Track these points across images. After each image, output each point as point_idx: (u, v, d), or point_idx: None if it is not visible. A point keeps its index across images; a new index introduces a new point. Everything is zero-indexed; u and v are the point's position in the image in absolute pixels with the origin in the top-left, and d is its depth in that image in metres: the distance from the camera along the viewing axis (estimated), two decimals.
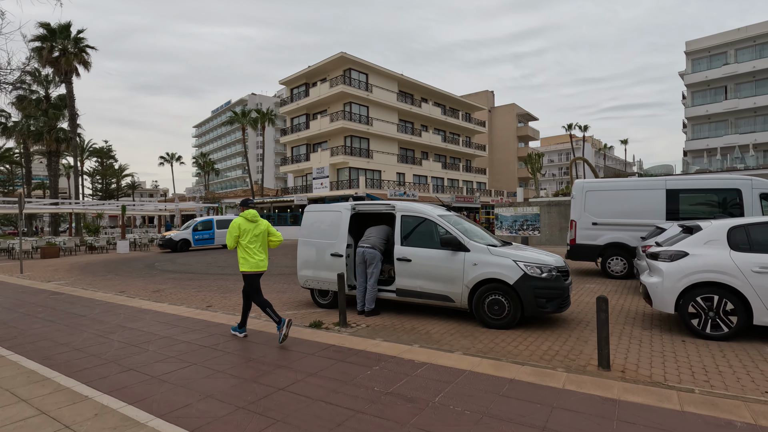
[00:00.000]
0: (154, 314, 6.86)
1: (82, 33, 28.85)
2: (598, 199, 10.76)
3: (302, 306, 7.53)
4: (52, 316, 6.81)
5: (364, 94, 37.64)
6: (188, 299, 8.38)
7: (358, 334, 5.53)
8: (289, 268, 13.57)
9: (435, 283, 6.12)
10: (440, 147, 46.73)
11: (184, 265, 15.13)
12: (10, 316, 6.95)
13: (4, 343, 5.27)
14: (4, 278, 12.11)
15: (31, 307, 7.69)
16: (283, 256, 17.74)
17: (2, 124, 33.72)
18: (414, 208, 6.68)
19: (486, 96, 60.26)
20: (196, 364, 4.40)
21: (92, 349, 4.96)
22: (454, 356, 4.48)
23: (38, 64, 28.56)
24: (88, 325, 6.15)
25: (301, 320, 6.39)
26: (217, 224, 23.09)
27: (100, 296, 8.72)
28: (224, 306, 7.64)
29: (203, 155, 78.48)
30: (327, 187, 36.71)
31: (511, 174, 59.98)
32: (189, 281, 11.00)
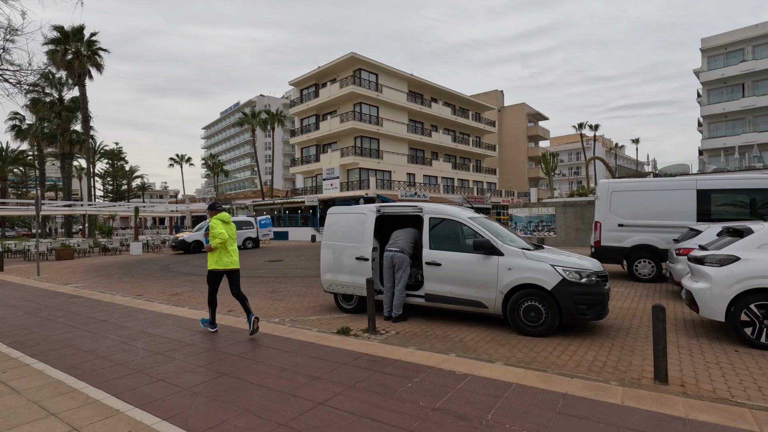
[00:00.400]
0: (176, 319, 6.70)
1: (95, 36, 29.04)
2: (624, 200, 10.44)
3: (325, 310, 7.33)
4: (73, 321, 6.69)
5: (374, 95, 37.48)
6: None
7: (389, 341, 5.32)
8: (305, 270, 13.40)
9: (466, 289, 5.89)
10: (450, 147, 46.42)
11: (199, 267, 15.04)
12: (31, 320, 6.84)
13: (28, 350, 5.14)
14: (22, 281, 12.09)
15: (51, 311, 7.59)
16: (296, 258, 17.60)
17: (17, 127, 34.06)
18: (443, 210, 6.45)
19: (495, 95, 59.79)
20: (226, 374, 4.21)
21: (118, 357, 4.80)
22: (497, 367, 4.25)
23: (52, 67, 28.80)
24: (110, 331, 6.01)
25: (327, 326, 6.19)
26: None
27: (118, 300, 8.61)
28: None
29: (212, 156, 78.86)
30: (337, 188, 36.58)
31: (521, 174, 59.42)
32: (205, 284, 10.85)
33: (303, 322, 6.54)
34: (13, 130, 34.12)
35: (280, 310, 7.49)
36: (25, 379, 4.17)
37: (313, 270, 13.32)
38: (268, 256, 18.75)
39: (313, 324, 6.38)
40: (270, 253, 20.32)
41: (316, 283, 10.61)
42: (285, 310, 7.48)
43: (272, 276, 12.19)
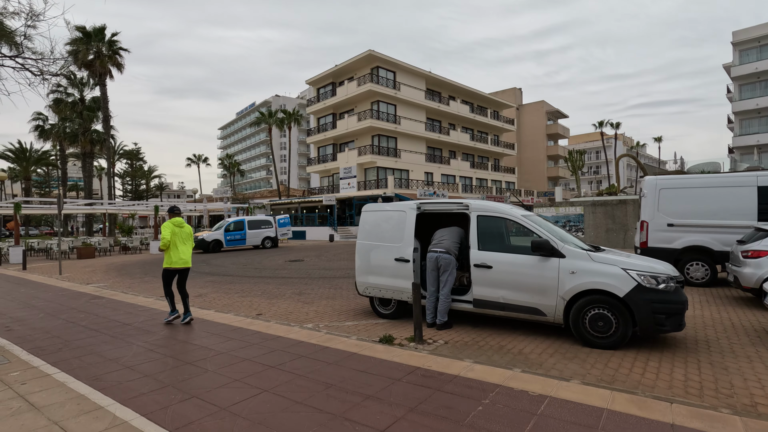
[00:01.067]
0: (203, 323, 6.29)
1: (116, 36, 29.19)
2: (674, 198, 9.69)
3: (360, 315, 6.83)
4: (95, 324, 6.32)
5: (391, 93, 36.97)
6: (234, 306, 7.81)
7: (439, 352, 4.79)
8: (329, 270, 12.94)
9: (522, 294, 5.31)
10: (468, 146, 45.62)
11: (220, 267, 14.74)
12: (53, 323, 6.50)
13: (49, 357, 4.75)
14: (44, 280, 11.91)
15: (73, 313, 7.27)
16: (317, 258, 17.19)
17: (40, 127, 34.53)
18: (493, 208, 5.88)
19: (514, 93, 58.69)
20: (266, 390, 3.74)
21: (145, 368, 4.37)
22: (575, 387, 3.68)
23: (74, 67, 29.02)
24: (135, 336, 5.62)
25: (366, 333, 5.69)
26: (249, 225, 22.78)
27: (141, 301, 8.26)
28: (275, 314, 7.03)
29: (229, 156, 79.44)
30: (354, 187, 36.18)
31: (540, 173, 58.19)
32: (229, 284, 10.50)
33: (338, 328, 6.05)
34: (37, 130, 34.61)
35: (311, 314, 7.02)
36: (46, 392, 3.76)
37: (337, 270, 12.87)
38: (288, 256, 18.39)
39: (350, 330, 5.89)
40: (289, 253, 19.97)
41: (344, 284, 10.13)
42: (316, 314, 7.01)
43: (296, 277, 11.77)
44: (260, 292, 9.25)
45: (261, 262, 16.39)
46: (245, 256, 18.79)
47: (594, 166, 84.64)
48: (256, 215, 25.28)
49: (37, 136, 34.69)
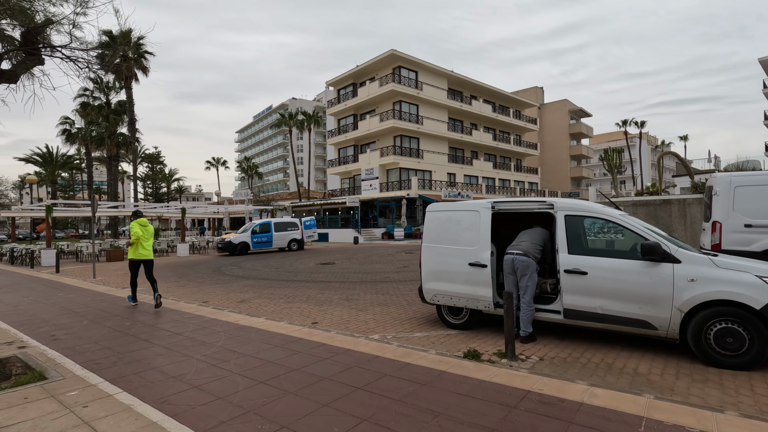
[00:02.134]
0: (259, 333, 5.79)
1: (141, 39, 29.33)
2: (753, 196, 8.84)
3: (425, 325, 6.25)
4: (144, 334, 5.89)
5: (414, 92, 36.44)
6: (284, 313, 7.32)
7: (540, 371, 4.18)
8: (367, 274, 12.41)
9: (626, 304, 4.66)
10: (490, 146, 44.77)
11: (252, 270, 14.35)
12: (100, 331, 6.10)
13: (106, 374, 4.30)
14: (79, 283, 11.66)
15: (117, 320, 6.87)
16: (348, 260, 16.68)
17: (67, 131, 34.99)
18: (585, 207, 5.25)
19: (535, 92, 57.53)
20: (366, 419, 3.19)
21: (214, 388, 3.88)
22: (738, 421, 3.03)
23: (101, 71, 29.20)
24: (191, 348, 5.15)
25: (443, 347, 5.11)
26: (275, 227, 22.45)
27: (185, 307, 7.84)
28: (332, 322, 6.51)
29: (247, 159, 79.98)
30: (377, 189, 35.71)
31: (563, 173, 56.86)
32: (269, 289, 10.05)
33: (409, 340, 5.49)
34: (64, 134, 35.08)
35: (370, 323, 6.47)
36: (113, 418, 3.28)
37: (375, 274, 12.33)
38: (318, 259, 17.95)
39: (423, 343, 5.32)
40: (317, 256, 19.54)
41: (389, 289, 9.58)
42: (376, 323, 6.46)
43: (335, 281, 11.26)
44: (305, 298, 8.76)
45: (291, 265, 15.97)
46: (274, 259, 18.42)
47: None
48: (281, 217, 24.95)
49: (64, 140, 35.18)
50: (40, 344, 5.42)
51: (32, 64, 5.58)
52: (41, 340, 5.65)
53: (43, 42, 5.55)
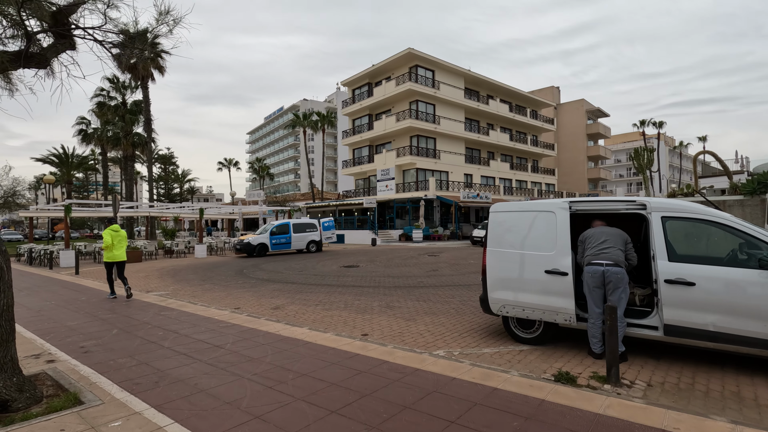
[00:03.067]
0: (307, 347, 5.22)
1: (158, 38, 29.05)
2: None
3: (489, 338, 5.62)
4: (182, 346, 5.35)
5: (431, 92, 35.80)
6: (326, 322, 6.74)
7: (655, 401, 3.54)
8: (398, 279, 11.79)
9: (747, 322, 3.99)
10: (507, 146, 43.94)
11: (275, 273, 13.82)
12: (132, 343, 5.57)
13: (150, 397, 3.74)
14: (101, 286, 11.22)
15: (149, 329, 6.34)
16: (371, 263, 16.08)
17: (83, 132, 34.95)
18: (683, 207, 4.59)
19: (552, 92, 56.51)
20: None
21: (280, 419, 3.29)
22: None
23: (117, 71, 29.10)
24: (238, 365, 4.58)
25: (522, 365, 4.48)
26: (294, 228, 21.96)
27: (216, 314, 7.30)
28: (383, 334, 5.91)
29: (258, 160, 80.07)
30: (393, 189, 35.09)
31: (580, 174, 55.72)
32: (300, 294, 9.48)
33: (479, 357, 4.87)
34: (80, 134, 35.04)
35: (426, 335, 5.86)
36: None
37: (406, 279, 11.72)
38: (339, 261, 17.39)
39: (497, 361, 4.69)
40: (338, 258, 18.99)
41: (429, 296, 8.96)
42: (432, 335, 5.85)
43: (367, 285, 10.67)
44: (342, 305, 8.17)
45: (314, 267, 15.43)
46: (295, 261, 17.89)
47: (633, 168, 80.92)
48: (300, 218, 24.48)
49: (80, 140, 35.12)
50: (71, 358, 4.90)
51: (63, 48, 5.08)
52: (71, 352, 5.13)
53: (75, 23, 5.04)
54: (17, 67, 4.66)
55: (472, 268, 14.26)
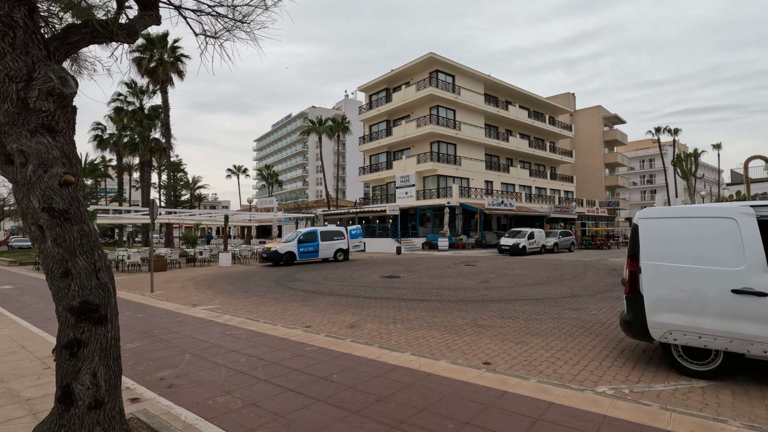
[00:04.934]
0: (434, 380, 4.32)
1: (177, 42, 28.63)
2: None
3: (638, 368, 4.70)
4: (280, 377, 4.46)
5: (451, 97, 35.14)
6: (423, 345, 5.85)
7: None
8: (456, 292, 10.88)
9: None
10: (526, 153, 43.17)
11: (317, 284, 12.92)
12: (218, 373, 4.68)
13: None
14: (140, 298, 10.36)
15: (225, 354, 5.46)
16: (410, 272, 15.17)
17: (99, 137, 34.42)
18: None
19: (567, 98, 55.81)
20: None
21: None
22: None
23: (137, 75, 28.60)
24: (370, 408, 3.69)
25: (730, 410, 3.56)
26: (321, 236, 21.11)
27: (292, 335, 6.42)
28: (508, 363, 5.00)
29: (267, 167, 79.78)
30: (413, 196, 34.27)
31: (598, 182, 54.76)
32: (364, 309, 8.58)
33: (659, 397, 3.95)
34: (96, 140, 34.51)
35: (560, 365, 4.95)
36: None
37: (464, 291, 10.81)
38: (375, 271, 16.49)
39: (685, 403, 3.79)
40: (370, 267, 18.08)
41: (513, 312, 8.05)
42: (568, 365, 4.94)
43: (429, 299, 9.77)
44: (423, 323, 7.27)
45: (353, 277, 14.54)
46: (328, 270, 16.99)
47: (646, 176, 79.95)
48: (327, 226, 23.64)
49: (95, 146, 34.61)
50: (156, 395, 4.01)
51: (150, 22, 4.28)
52: (152, 387, 4.25)
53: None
54: (107, 40, 3.84)
55: (525, 279, 13.35)
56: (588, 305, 8.69)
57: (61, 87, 2.65)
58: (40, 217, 2.58)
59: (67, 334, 2.57)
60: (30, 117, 2.63)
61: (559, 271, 15.52)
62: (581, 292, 10.50)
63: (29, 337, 6.32)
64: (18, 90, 2.57)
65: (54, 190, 2.61)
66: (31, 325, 7.13)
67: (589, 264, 18.52)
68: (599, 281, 12.64)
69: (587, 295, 10.14)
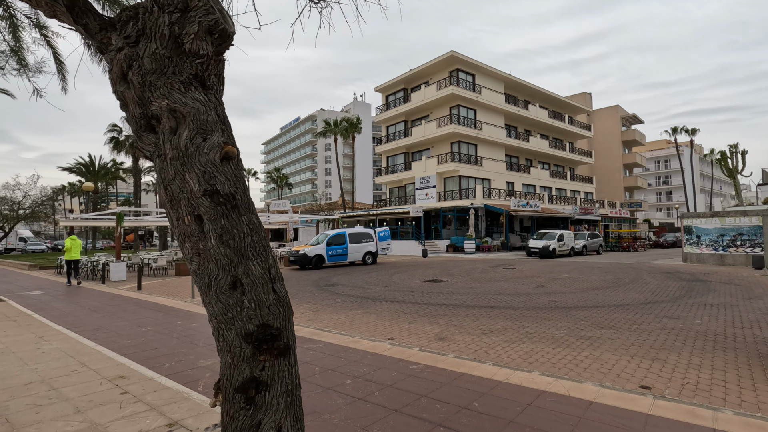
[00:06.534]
0: (602, 410, 3.52)
1: None
2: None
3: None
4: (410, 406, 3.67)
5: (472, 96, 34.37)
6: (543, 363, 5.04)
7: None
8: (514, 298, 10.04)
9: None
10: (546, 153, 42.27)
11: (360, 288, 12.13)
12: (330, 399, 3.90)
13: None
14: (181, 305, 9.61)
15: (325, 374, 4.68)
16: (450, 276, 14.34)
17: (114, 139, 33.94)
18: None
19: (584, 98, 54.85)
20: None
21: None
22: None
23: None
24: None
25: None
26: (350, 238, 20.34)
27: (381, 349, 5.64)
28: (671, 385, 4.19)
29: (277, 170, 79.47)
30: (434, 198, 33.47)
31: (616, 183, 53.71)
32: (435, 317, 7.78)
33: None
34: (111, 142, 34.04)
35: (727, 385, 4.13)
36: None
37: (527, 297, 9.98)
38: (411, 274, 15.67)
39: None
40: (404, 270, 17.26)
41: (603, 320, 7.23)
42: (733, 386, 4.12)
43: (497, 306, 8.95)
44: (519, 335, 6.46)
45: (393, 281, 13.75)
46: (363, 274, 16.19)
47: (662, 177, 78.63)
48: (354, 228, 22.88)
49: (111, 148, 34.12)
50: None
51: None
52: None
53: None
54: None
55: (580, 283, 12.52)
56: (683, 313, 7.85)
57: (224, 22, 1.90)
58: (200, 203, 1.82)
59: (242, 371, 1.80)
60: (183, 63, 1.88)
61: (610, 275, 14.65)
62: (657, 298, 9.65)
63: (84, 351, 5.58)
64: (171, 23, 1.83)
65: (216, 166, 1.85)
66: (80, 337, 6.40)
67: (634, 267, 17.61)
68: (665, 286, 11.77)
69: (667, 301, 9.29)
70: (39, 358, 5.24)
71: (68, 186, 57.60)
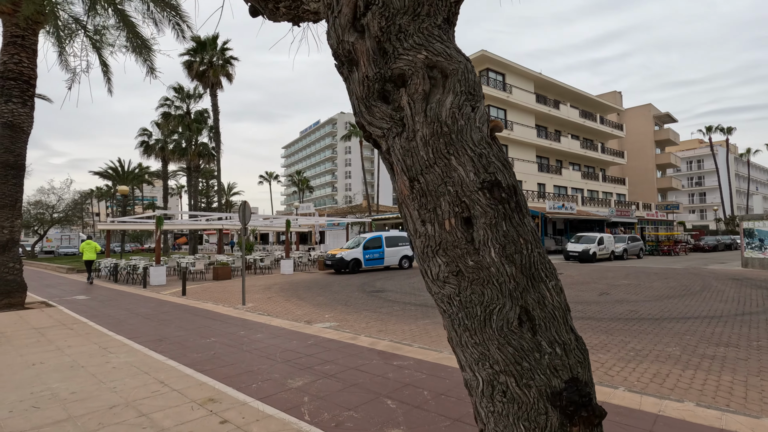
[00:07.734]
0: None
1: (227, 44, 28.09)
2: None
3: None
4: None
5: (503, 96, 33.51)
6: (683, 386, 4.35)
7: None
8: (587, 305, 9.27)
9: None
10: (577, 154, 41.00)
11: (412, 295, 11.51)
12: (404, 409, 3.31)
13: None
14: (235, 312, 9.18)
15: (440, 400, 4.10)
16: None
17: (145, 143, 34.28)
18: None
19: (614, 97, 53.16)
20: None
21: None
22: None
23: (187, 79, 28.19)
24: None
25: None
26: (386, 242, 19.79)
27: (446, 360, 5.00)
28: None
29: (298, 173, 79.74)
30: None
31: (650, 184, 51.77)
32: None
33: None
34: (142, 146, 34.38)
35: None
36: None
37: (599, 306, 9.21)
38: None
39: None
40: None
41: (715, 336, 6.46)
42: None
43: (574, 317, 8.22)
44: (628, 352, 5.77)
45: None
46: (404, 278, 15.56)
47: (695, 177, 75.78)
48: (390, 231, 22.34)
49: (142, 152, 34.48)
50: None
51: None
52: None
53: None
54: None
55: (647, 291, 11.65)
56: None
57: None
58: (475, 200, 1.25)
59: None
60: (439, 3, 1.32)
61: (673, 281, 13.69)
62: (749, 309, 8.76)
63: (157, 366, 5.12)
64: None
65: (491, 147, 1.29)
66: (146, 349, 5.97)
67: (694, 273, 16.53)
68: (746, 294, 10.81)
69: (759, 312, 8.41)
70: (112, 374, 4.80)
71: (96, 190, 58.78)
